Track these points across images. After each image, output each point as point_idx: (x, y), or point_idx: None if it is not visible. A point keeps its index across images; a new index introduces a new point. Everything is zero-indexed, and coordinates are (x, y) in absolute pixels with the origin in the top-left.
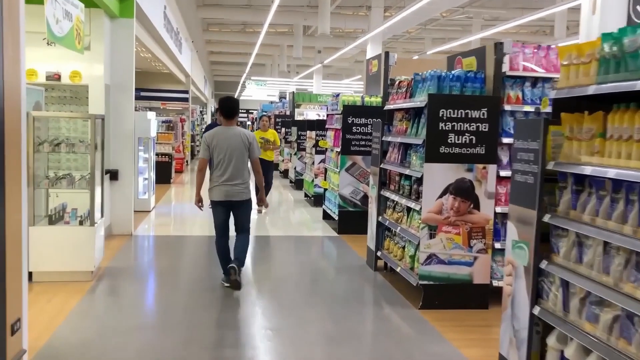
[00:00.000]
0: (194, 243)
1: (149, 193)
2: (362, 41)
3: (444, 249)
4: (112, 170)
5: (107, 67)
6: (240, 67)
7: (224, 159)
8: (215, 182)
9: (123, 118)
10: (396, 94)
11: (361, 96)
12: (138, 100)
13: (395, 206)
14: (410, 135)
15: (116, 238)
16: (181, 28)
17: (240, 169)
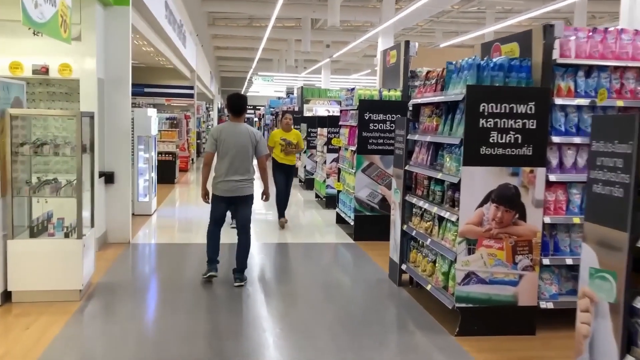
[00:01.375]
0: (200, 252)
1: (150, 195)
2: (373, 34)
3: (485, 266)
4: (107, 173)
5: (100, 60)
6: (247, 63)
7: (229, 154)
8: (219, 177)
9: (119, 115)
10: (424, 86)
11: (378, 90)
12: (141, 96)
13: (423, 214)
14: (442, 133)
15: (112, 247)
16: (185, 21)
17: (245, 165)
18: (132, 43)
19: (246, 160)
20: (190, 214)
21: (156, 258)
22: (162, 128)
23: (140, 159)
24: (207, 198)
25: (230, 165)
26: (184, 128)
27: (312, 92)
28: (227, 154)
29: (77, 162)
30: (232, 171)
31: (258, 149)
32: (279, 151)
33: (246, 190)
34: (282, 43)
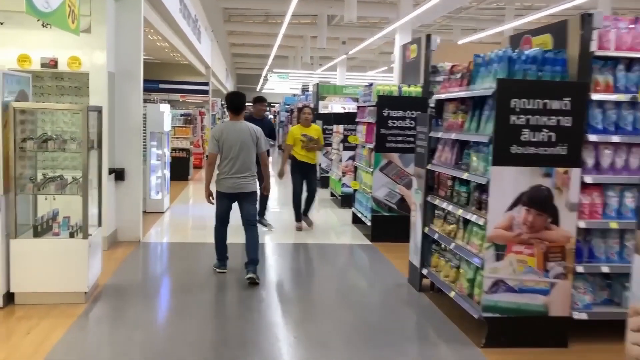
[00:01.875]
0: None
1: (163, 192)
2: (390, 30)
3: (514, 273)
4: (117, 170)
5: (110, 53)
6: (262, 60)
7: (232, 152)
8: (223, 175)
9: (130, 110)
10: (448, 81)
11: (398, 86)
12: (156, 92)
13: (446, 216)
14: (468, 131)
15: (122, 246)
16: (200, 16)
17: (247, 162)
18: (145, 37)
19: (249, 157)
20: (203, 212)
21: (167, 258)
22: (176, 124)
23: (153, 155)
24: (212, 198)
25: (234, 163)
26: (199, 124)
27: (327, 89)
28: (230, 152)
29: (83, 158)
30: (236, 169)
31: (259, 145)
32: (299, 148)
33: (249, 187)
34: (298, 40)
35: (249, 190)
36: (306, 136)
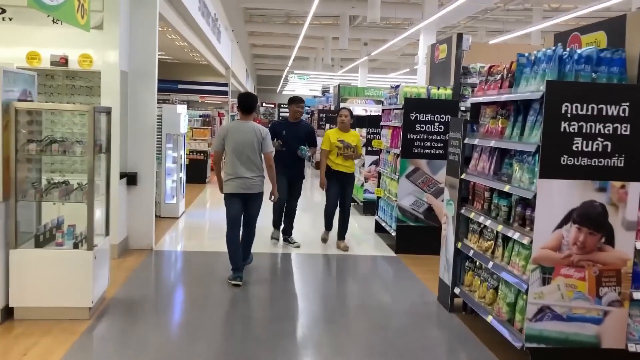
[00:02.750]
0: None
1: (178, 197)
2: (414, 30)
3: (562, 299)
4: (129, 174)
5: (123, 51)
6: (283, 61)
7: (237, 152)
8: (229, 175)
9: (143, 111)
10: (486, 82)
11: (426, 88)
12: (175, 93)
13: (482, 231)
14: (510, 138)
15: (133, 254)
16: (220, 15)
17: (253, 162)
18: (163, 36)
19: (253, 157)
20: (221, 217)
21: (180, 268)
22: (195, 126)
23: (169, 158)
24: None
25: (239, 163)
26: (217, 126)
27: (349, 91)
28: (235, 151)
29: (89, 163)
30: (242, 168)
31: (264, 145)
32: (335, 156)
33: (257, 188)
34: (319, 41)
35: (256, 191)
36: (343, 142)
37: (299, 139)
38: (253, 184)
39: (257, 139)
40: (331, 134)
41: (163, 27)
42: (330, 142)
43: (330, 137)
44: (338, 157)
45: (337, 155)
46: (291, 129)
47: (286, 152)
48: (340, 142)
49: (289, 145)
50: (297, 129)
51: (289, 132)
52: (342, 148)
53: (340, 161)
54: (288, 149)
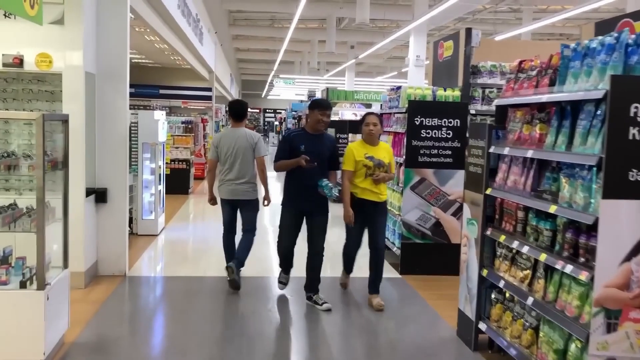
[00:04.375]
0: (219, 290)
1: (156, 212)
2: (404, 32)
3: (632, 349)
4: (98, 190)
5: (89, 50)
6: (268, 65)
7: (230, 158)
8: (222, 181)
9: (114, 118)
10: (516, 80)
11: (431, 89)
12: (156, 98)
13: (514, 257)
14: (553, 147)
15: (104, 282)
16: (202, 16)
17: (245, 168)
18: (141, 38)
19: (245, 163)
20: (205, 232)
21: (158, 299)
22: (176, 133)
23: (146, 169)
24: (214, 202)
25: (231, 169)
26: (201, 132)
27: (337, 95)
28: (228, 158)
29: (38, 182)
30: (233, 174)
31: (256, 150)
32: (362, 178)
33: (249, 195)
34: (305, 45)
35: (246, 198)
36: (373, 160)
37: (321, 158)
38: (243, 190)
39: (250, 144)
40: (355, 149)
41: (140, 26)
42: (355, 159)
43: (354, 153)
44: (365, 181)
45: (365, 177)
46: (312, 143)
47: (301, 174)
48: (368, 159)
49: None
50: (320, 144)
51: (309, 148)
52: (371, 167)
53: (369, 185)
54: (304, 171)
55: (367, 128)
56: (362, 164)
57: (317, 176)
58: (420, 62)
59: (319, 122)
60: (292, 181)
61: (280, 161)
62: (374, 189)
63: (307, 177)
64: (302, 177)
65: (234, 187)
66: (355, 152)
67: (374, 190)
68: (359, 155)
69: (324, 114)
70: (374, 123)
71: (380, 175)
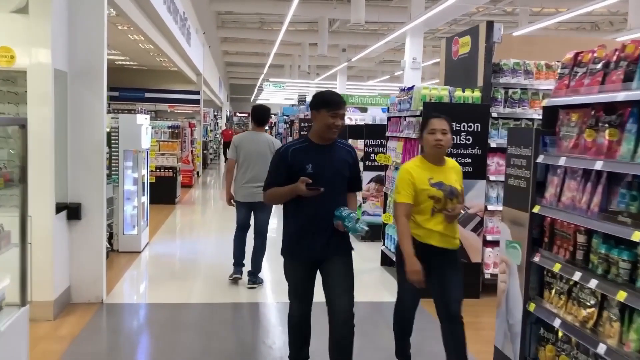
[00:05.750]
0: (211, 321)
1: (139, 226)
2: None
3: None
4: (70, 205)
5: (60, 44)
6: (257, 69)
7: (248, 161)
8: (239, 184)
9: (89, 123)
10: (573, 76)
11: (448, 89)
12: (142, 102)
13: (571, 290)
14: (635, 157)
15: (77, 311)
16: (190, 15)
17: (263, 172)
18: (125, 37)
19: (263, 168)
20: (194, 247)
21: (138, 333)
22: (162, 138)
23: (128, 179)
24: (232, 202)
25: (249, 172)
26: (188, 138)
27: None
28: (246, 161)
29: None
30: (251, 178)
31: None
32: (427, 216)
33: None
34: (295, 48)
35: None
36: (441, 187)
37: (336, 179)
38: (259, 193)
39: (270, 150)
40: (415, 172)
41: (123, 24)
42: (416, 187)
43: (413, 178)
44: (433, 219)
45: (433, 213)
46: (323, 158)
47: (307, 204)
48: (436, 187)
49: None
50: (334, 159)
51: (319, 166)
52: (441, 198)
53: (437, 225)
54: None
55: (433, 138)
56: (428, 194)
57: (330, 202)
58: (416, 65)
59: (329, 128)
60: (293, 215)
61: (271, 189)
62: (445, 230)
63: (316, 205)
64: (307, 208)
65: (251, 190)
66: (416, 177)
67: (444, 233)
68: (421, 182)
69: (336, 115)
70: (442, 130)
71: (453, 210)
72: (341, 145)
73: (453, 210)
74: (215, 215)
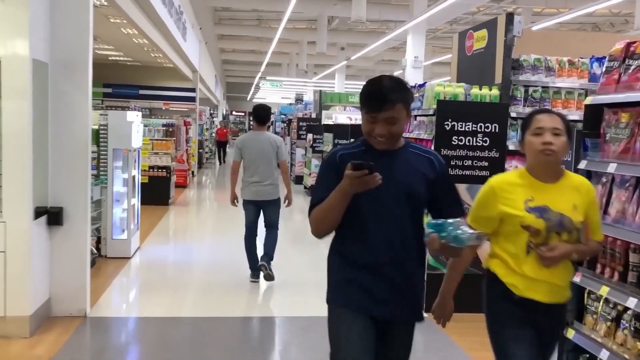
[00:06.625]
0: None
1: (129, 230)
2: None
3: None
4: (51, 210)
5: (39, 32)
6: (254, 67)
7: (254, 161)
8: (246, 183)
9: (72, 119)
10: (625, 71)
11: (464, 87)
12: (135, 99)
13: (620, 317)
14: None
15: (57, 327)
16: (186, 10)
17: (269, 170)
18: (117, 31)
19: (269, 166)
20: (188, 252)
21: (126, 350)
22: (156, 137)
23: (117, 180)
24: (236, 202)
25: (256, 172)
26: (183, 136)
27: (331, 97)
28: (251, 160)
29: None
30: (258, 177)
31: (279, 154)
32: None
33: (272, 195)
34: (293, 46)
35: (271, 197)
36: (546, 215)
37: (404, 194)
38: (268, 191)
39: (273, 148)
40: (504, 189)
41: (115, 16)
42: (501, 211)
43: (497, 197)
44: (529, 259)
45: (528, 251)
46: (383, 167)
47: (364, 230)
48: (535, 212)
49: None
50: (398, 168)
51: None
52: (541, 231)
53: (534, 270)
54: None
55: (539, 141)
56: (520, 222)
57: (395, 229)
58: (418, 64)
59: (369, 135)
60: (340, 245)
61: (316, 208)
62: (549, 277)
63: (374, 232)
64: (360, 233)
65: (259, 189)
66: (503, 197)
67: (553, 282)
68: (511, 204)
69: (376, 119)
70: (554, 129)
71: (561, 249)
72: (415, 151)
73: (552, 251)
74: (211, 217)
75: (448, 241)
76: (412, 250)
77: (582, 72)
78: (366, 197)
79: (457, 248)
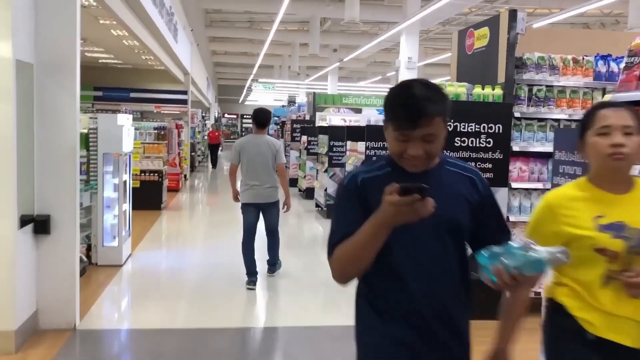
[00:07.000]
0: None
1: (121, 237)
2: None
3: None
4: (38, 218)
5: (23, 32)
6: (246, 69)
7: (252, 165)
8: (245, 186)
9: (59, 123)
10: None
11: (466, 86)
12: (126, 102)
13: None
14: None
15: (45, 341)
16: (177, 11)
17: (267, 173)
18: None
19: (267, 169)
20: (182, 259)
21: None
22: (147, 140)
23: (108, 185)
24: (239, 197)
25: (255, 175)
26: (175, 140)
27: (325, 99)
28: (250, 165)
29: None
30: (257, 180)
31: (277, 157)
32: (600, 282)
33: (272, 197)
34: (285, 48)
35: (270, 200)
36: (621, 232)
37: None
38: (267, 193)
39: (272, 152)
40: (565, 206)
41: (105, 17)
42: (565, 232)
43: (557, 216)
44: (607, 291)
45: (606, 281)
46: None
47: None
48: (609, 230)
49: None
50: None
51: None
52: (619, 254)
53: (616, 305)
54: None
55: (606, 142)
56: (592, 245)
57: (446, 254)
58: (412, 65)
59: (400, 156)
60: (368, 298)
61: (339, 246)
62: (636, 314)
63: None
64: (393, 281)
65: (258, 192)
66: (565, 215)
67: (637, 319)
68: (578, 223)
69: (408, 138)
70: (624, 127)
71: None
72: (454, 169)
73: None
74: (204, 221)
75: (522, 270)
76: (459, 295)
77: (587, 70)
78: (397, 231)
79: (535, 276)
